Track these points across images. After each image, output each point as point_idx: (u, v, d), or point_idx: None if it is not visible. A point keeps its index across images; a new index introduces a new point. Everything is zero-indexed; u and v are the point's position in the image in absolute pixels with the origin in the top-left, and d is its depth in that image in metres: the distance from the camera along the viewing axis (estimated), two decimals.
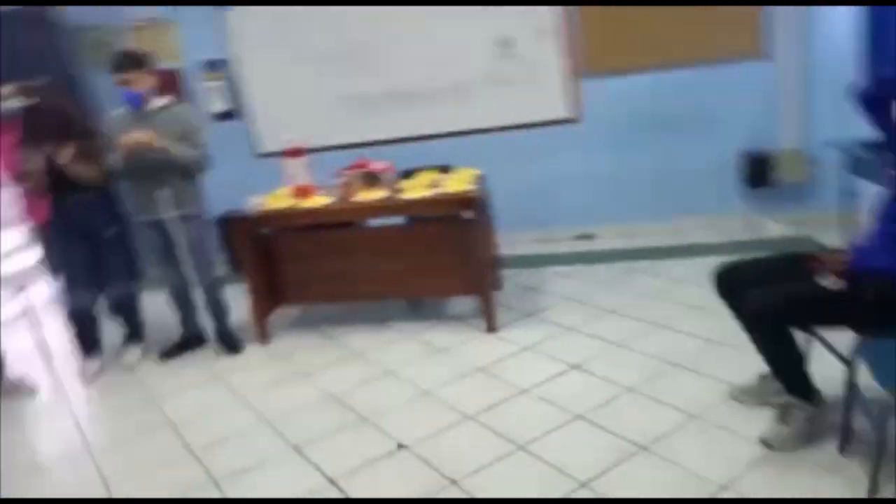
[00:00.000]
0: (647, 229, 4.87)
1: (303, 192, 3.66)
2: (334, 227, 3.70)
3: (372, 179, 3.66)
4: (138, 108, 3.28)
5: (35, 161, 3.16)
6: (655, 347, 3.15)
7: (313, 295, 3.87)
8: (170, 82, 4.92)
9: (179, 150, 3.24)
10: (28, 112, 3.29)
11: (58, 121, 3.30)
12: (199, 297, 3.68)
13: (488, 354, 3.29)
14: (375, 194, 3.54)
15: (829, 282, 2.19)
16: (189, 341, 3.72)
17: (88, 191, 3.32)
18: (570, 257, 4.64)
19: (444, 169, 4.08)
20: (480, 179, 3.85)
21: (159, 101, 3.34)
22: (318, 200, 3.56)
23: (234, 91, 5.05)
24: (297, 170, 3.66)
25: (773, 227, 4.67)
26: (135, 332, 3.79)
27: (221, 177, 3.94)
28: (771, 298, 2.22)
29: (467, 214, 3.38)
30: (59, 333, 3.97)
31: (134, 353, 3.73)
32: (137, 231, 3.60)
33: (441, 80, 4.79)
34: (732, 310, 2.44)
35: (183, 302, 3.63)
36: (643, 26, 4.51)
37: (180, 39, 4.99)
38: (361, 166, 3.73)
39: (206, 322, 3.76)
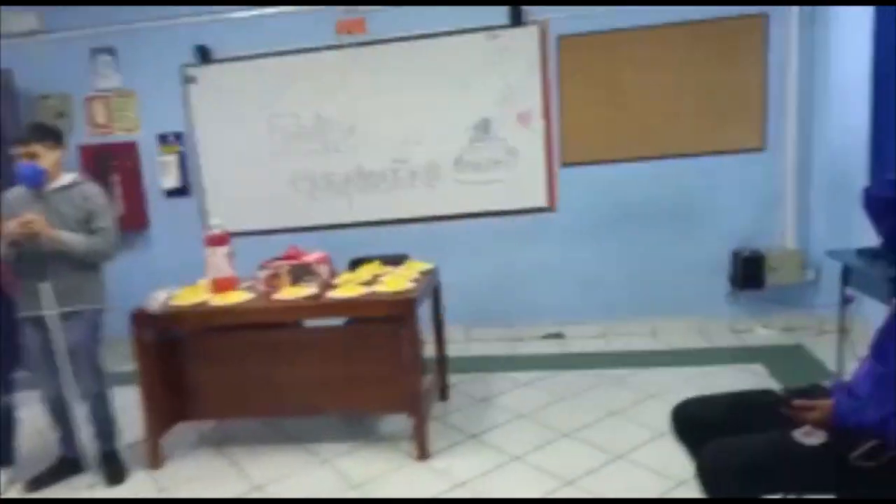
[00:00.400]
0: (623, 329, 4.41)
1: (222, 285, 3.26)
2: (255, 327, 3.26)
3: (302, 273, 3.26)
4: (38, 187, 2.93)
5: None
6: (609, 487, 2.64)
7: (220, 409, 3.37)
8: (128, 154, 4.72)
9: (74, 238, 2.88)
10: None
11: None
12: (81, 410, 3.11)
13: (411, 491, 2.78)
14: (301, 291, 3.13)
15: (807, 435, 1.72)
16: (62, 466, 3.17)
17: None
18: (535, 361, 4.16)
19: (398, 260, 3.69)
20: (430, 273, 3.45)
21: (62, 180, 2.99)
22: (235, 296, 3.15)
23: (188, 166, 4.76)
24: (219, 260, 3.28)
25: (762, 333, 4.18)
26: (3, 452, 3.18)
27: (168, 260, 3.61)
28: (732, 458, 1.74)
29: (399, 319, 2.96)
30: None
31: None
32: (22, 329, 3.08)
33: (412, 163, 4.47)
34: (692, 457, 1.96)
35: (59, 417, 3.13)
36: (635, 109, 4.19)
37: (140, 110, 4.75)
38: (291, 257, 3.34)
39: (90, 442, 3.18)
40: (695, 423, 1.97)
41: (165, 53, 4.59)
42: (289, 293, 3.13)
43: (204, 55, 4.53)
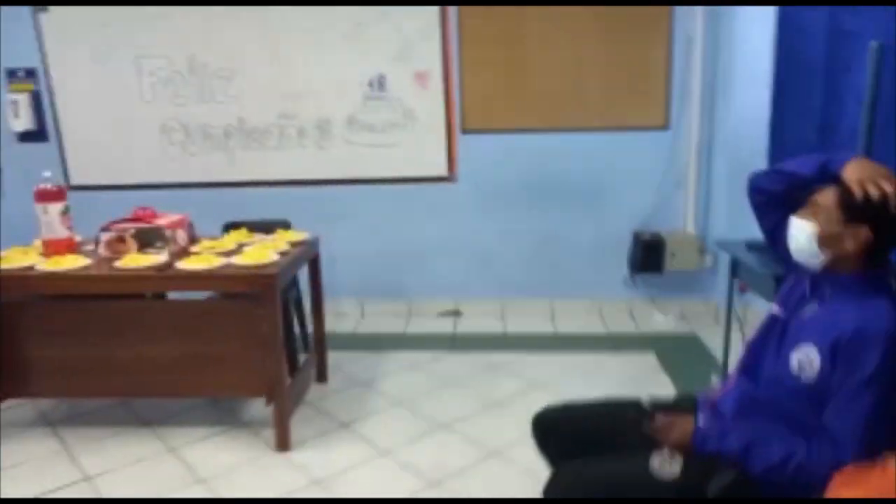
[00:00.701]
0: (521, 309, 4.21)
1: (54, 247, 2.79)
2: (97, 297, 2.82)
3: (152, 238, 2.83)
4: None
5: None
6: (477, 489, 2.42)
7: (54, 387, 2.92)
8: None
9: None
10: None
11: None
12: None
13: (262, 489, 2.47)
14: (148, 259, 2.71)
15: (664, 464, 1.50)
16: None
17: None
18: (426, 341, 3.90)
19: (272, 227, 3.29)
20: (305, 244, 3.09)
21: None
22: (68, 262, 2.70)
23: (43, 107, 4.16)
24: (52, 218, 2.80)
25: (659, 320, 4.08)
26: None
27: (22, 212, 3.09)
28: (583, 487, 1.52)
29: (256, 296, 2.61)
30: None
31: None
32: None
33: (300, 119, 4.04)
34: (551, 470, 1.73)
35: None
36: (539, 80, 3.91)
37: None
38: (140, 219, 2.90)
39: None
40: (556, 435, 1.75)
41: None
42: (133, 261, 2.70)
43: None
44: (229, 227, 3.42)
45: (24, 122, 4.14)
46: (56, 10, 3.98)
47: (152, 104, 4.08)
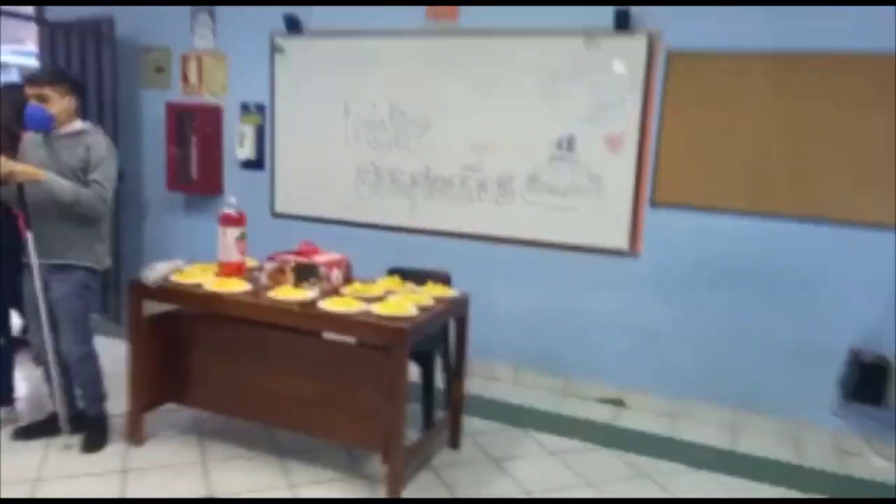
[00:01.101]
0: (695, 411, 3.66)
1: (227, 269, 2.98)
2: (250, 321, 2.94)
3: (307, 273, 2.90)
4: (44, 130, 2.80)
5: None
6: None
7: (201, 398, 3.10)
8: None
9: (61, 184, 2.69)
10: None
11: None
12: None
13: None
14: (299, 293, 2.77)
15: None
16: (51, 422, 3.03)
17: None
18: (579, 427, 3.53)
19: (426, 278, 3.20)
20: (452, 302, 2.97)
21: (71, 127, 2.84)
22: (231, 284, 2.85)
23: (264, 139, 4.60)
24: (229, 241, 3.00)
25: (877, 465, 3.25)
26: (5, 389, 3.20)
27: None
28: None
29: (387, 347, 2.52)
30: None
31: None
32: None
33: (483, 173, 3.98)
34: None
35: (46, 371, 2.95)
36: (749, 152, 3.43)
37: (229, 75, 4.65)
38: (302, 253, 3.00)
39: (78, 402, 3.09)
40: None
41: (259, 19, 4.43)
42: (285, 293, 2.78)
43: (293, 25, 4.31)
44: (392, 271, 3.42)
45: (247, 151, 4.61)
46: (290, 51, 4.39)
47: (353, 146, 4.30)
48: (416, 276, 3.21)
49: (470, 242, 4.04)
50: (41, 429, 3.04)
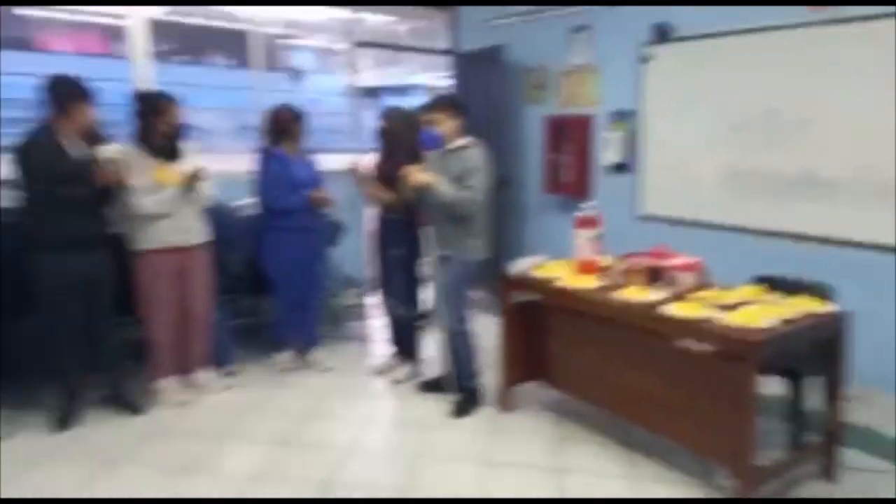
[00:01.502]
0: None
1: (581, 267, 3.24)
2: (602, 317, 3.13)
3: (658, 276, 2.97)
4: (435, 148, 3.44)
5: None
6: None
7: (560, 381, 3.41)
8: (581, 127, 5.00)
9: (443, 187, 3.26)
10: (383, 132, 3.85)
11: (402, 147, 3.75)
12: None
13: None
14: (645, 295, 2.87)
15: None
16: (441, 382, 3.70)
17: (392, 211, 3.73)
18: None
19: (817, 291, 2.93)
20: (822, 317, 2.70)
21: (456, 143, 3.39)
22: (583, 281, 3.09)
23: (631, 145, 4.75)
24: (584, 242, 3.25)
25: None
26: (407, 350, 3.97)
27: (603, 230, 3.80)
28: None
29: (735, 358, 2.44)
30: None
31: (404, 370, 3.96)
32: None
33: (882, 175, 3.46)
34: None
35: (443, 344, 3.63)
36: None
37: (601, 87, 4.94)
38: (655, 256, 3.07)
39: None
40: None
41: (629, 31, 4.60)
42: (633, 293, 2.91)
43: (663, 34, 4.37)
44: (760, 280, 3.23)
45: (614, 156, 4.83)
46: (659, 57, 4.46)
47: (722, 147, 4.16)
48: (788, 287, 2.98)
49: (860, 253, 3.55)
50: (434, 385, 3.75)
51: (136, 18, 4.49)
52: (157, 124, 3.38)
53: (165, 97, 3.47)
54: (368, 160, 3.98)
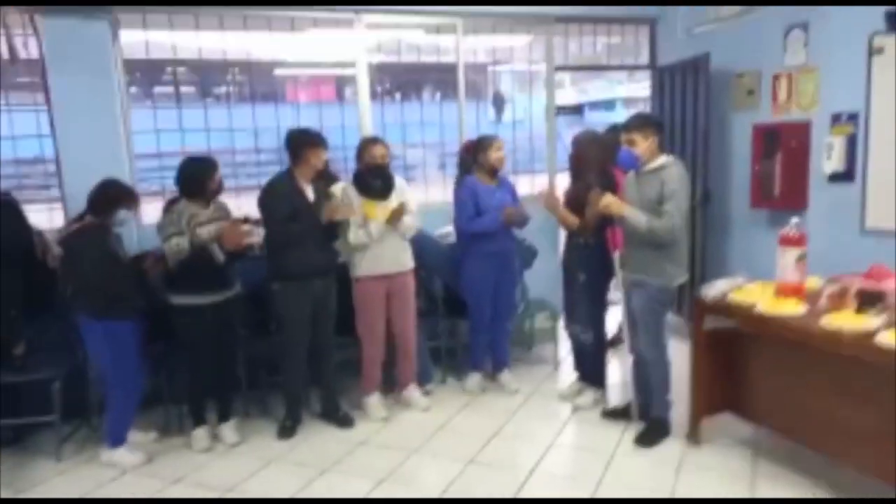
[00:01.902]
0: None
1: (784, 290, 2.97)
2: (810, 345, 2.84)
3: (872, 299, 2.62)
4: (633, 169, 3.35)
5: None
6: None
7: (756, 414, 3.16)
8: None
9: (636, 217, 3.17)
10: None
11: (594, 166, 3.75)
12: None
13: None
14: (858, 321, 2.55)
15: None
16: (624, 411, 3.63)
17: (579, 235, 3.74)
18: None
19: None
20: None
21: (655, 163, 3.30)
22: (785, 306, 2.83)
23: (855, 149, 4.20)
24: (788, 262, 2.97)
25: None
26: (591, 375, 3.91)
27: (817, 246, 3.49)
28: None
29: None
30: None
31: (585, 397, 3.91)
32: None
33: None
34: None
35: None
36: None
37: (820, 88, 4.45)
38: (870, 276, 2.71)
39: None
40: None
41: (853, 23, 4.10)
42: (843, 319, 2.61)
43: (895, 20, 3.82)
44: None
45: (835, 163, 4.31)
46: (890, 50, 3.92)
47: None
48: None
49: None
50: (619, 413, 3.67)
51: (361, 64, 5.01)
52: (366, 163, 3.79)
53: (370, 139, 3.89)
54: (559, 183, 4.05)
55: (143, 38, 4.49)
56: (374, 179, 3.80)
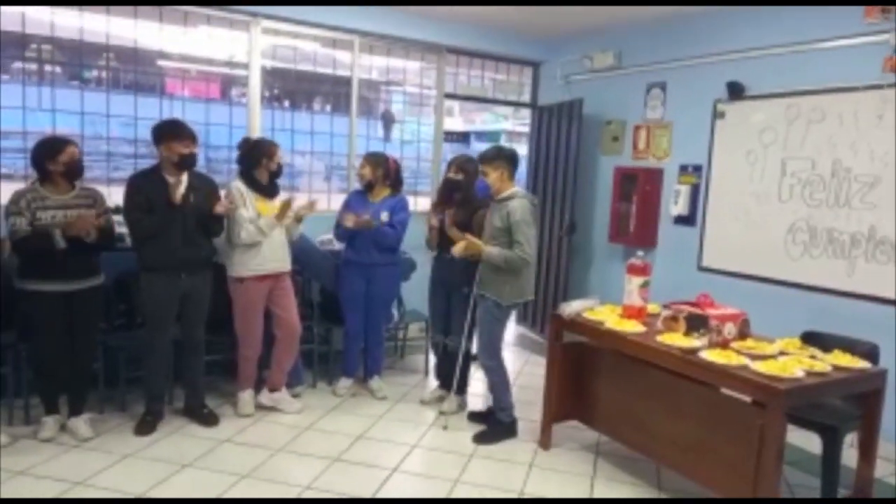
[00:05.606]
0: None
1: (628, 312, 3.36)
2: (644, 361, 3.23)
3: (698, 324, 3.05)
4: (489, 198, 3.70)
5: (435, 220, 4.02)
6: None
7: (597, 422, 3.52)
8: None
9: (492, 252, 3.53)
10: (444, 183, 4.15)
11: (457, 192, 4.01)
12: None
13: None
14: (684, 342, 2.96)
15: None
16: (485, 415, 3.92)
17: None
18: None
19: (868, 352, 2.97)
20: (856, 373, 2.72)
21: (504, 193, 3.60)
22: (627, 325, 3.21)
23: (698, 197, 4.81)
24: (633, 288, 3.37)
25: None
26: (458, 383, 4.12)
27: (662, 279, 3.90)
28: None
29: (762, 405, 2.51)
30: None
31: (450, 403, 4.13)
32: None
33: None
34: None
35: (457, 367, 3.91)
36: None
37: (673, 141, 5.05)
38: (697, 305, 3.15)
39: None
40: None
41: (702, 89, 4.74)
42: (673, 339, 3.01)
43: (735, 91, 4.47)
44: (807, 335, 3.24)
45: (680, 208, 4.90)
46: (729, 115, 4.56)
47: (787, 204, 4.19)
48: (833, 344, 3.01)
49: None
50: (482, 417, 3.94)
51: (254, 68, 5.02)
52: (265, 165, 3.82)
53: (271, 142, 3.94)
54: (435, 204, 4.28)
55: (19, 10, 4.25)
56: (271, 180, 3.87)
